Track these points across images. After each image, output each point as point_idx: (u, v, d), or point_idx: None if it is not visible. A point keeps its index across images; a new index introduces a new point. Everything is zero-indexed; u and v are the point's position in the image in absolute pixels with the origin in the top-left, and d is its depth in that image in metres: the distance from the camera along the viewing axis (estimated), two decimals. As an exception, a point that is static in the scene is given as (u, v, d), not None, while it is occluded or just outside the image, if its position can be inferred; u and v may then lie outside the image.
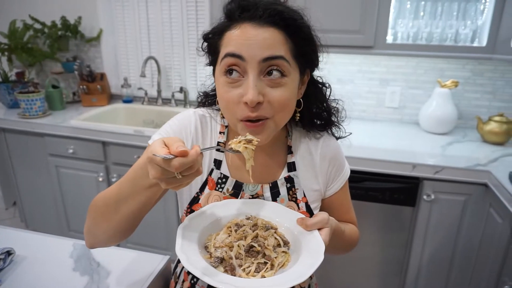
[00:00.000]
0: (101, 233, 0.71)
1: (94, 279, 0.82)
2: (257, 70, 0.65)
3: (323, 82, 0.82)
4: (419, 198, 1.60)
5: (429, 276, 1.69)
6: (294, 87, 0.70)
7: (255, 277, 0.61)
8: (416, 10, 1.84)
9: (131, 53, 2.47)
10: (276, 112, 0.68)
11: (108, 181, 2.06)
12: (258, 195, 0.79)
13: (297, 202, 0.80)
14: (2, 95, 2.30)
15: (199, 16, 2.25)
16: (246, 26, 0.66)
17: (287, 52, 0.67)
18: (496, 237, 1.40)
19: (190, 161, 0.52)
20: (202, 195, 0.78)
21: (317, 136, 0.83)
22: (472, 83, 1.98)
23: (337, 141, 0.86)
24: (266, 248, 0.66)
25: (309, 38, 0.70)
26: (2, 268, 0.83)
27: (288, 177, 0.80)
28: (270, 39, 0.65)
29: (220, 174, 0.79)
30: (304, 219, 0.70)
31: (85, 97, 2.38)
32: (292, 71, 0.68)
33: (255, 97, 0.64)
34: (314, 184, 0.82)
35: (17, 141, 2.18)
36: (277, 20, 0.65)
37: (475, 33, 1.78)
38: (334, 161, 0.83)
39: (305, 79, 0.76)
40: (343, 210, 0.88)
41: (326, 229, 0.68)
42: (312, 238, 0.66)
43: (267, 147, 0.79)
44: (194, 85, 2.41)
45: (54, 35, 2.35)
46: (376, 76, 2.10)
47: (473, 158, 1.60)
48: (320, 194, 0.83)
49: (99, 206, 0.70)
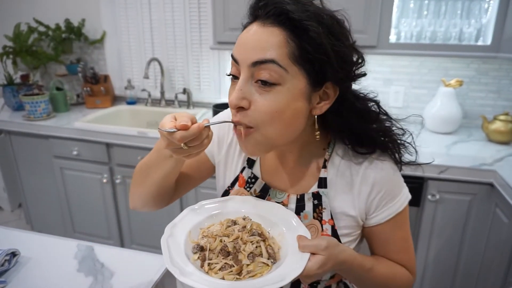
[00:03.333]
0: (137, 197, 0.81)
1: (98, 279, 0.82)
2: (247, 73, 0.61)
3: (368, 97, 0.72)
4: (424, 198, 1.59)
5: (435, 277, 1.68)
6: (290, 98, 0.61)
7: (216, 274, 0.61)
8: (420, 9, 1.83)
9: (134, 55, 2.48)
10: (263, 123, 0.61)
11: (112, 182, 2.06)
12: (283, 203, 0.76)
13: (321, 223, 0.72)
14: (7, 98, 2.32)
15: (201, 17, 2.25)
16: (253, 26, 0.62)
17: (285, 57, 0.59)
18: (502, 237, 1.39)
19: (191, 134, 0.57)
20: (232, 190, 0.81)
21: (364, 152, 0.71)
22: (477, 82, 1.96)
23: (394, 165, 0.73)
24: (240, 253, 0.64)
25: (319, 45, 0.59)
26: (8, 269, 0.83)
27: (316, 193, 0.73)
28: (263, 41, 0.59)
29: (251, 174, 0.80)
30: (302, 238, 0.63)
31: (89, 99, 2.40)
32: (291, 79, 0.60)
33: (234, 99, 0.61)
34: (348, 208, 0.72)
35: (22, 143, 2.20)
36: (283, 20, 0.59)
37: (480, 31, 1.77)
38: (380, 185, 0.70)
39: (329, 92, 0.65)
40: (390, 248, 0.75)
41: (319, 257, 0.60)
42: (299, 259, 0.61)
43: (299, 154, 0.75)
44: (197, 87, 2.41)
45: (58, 38, 2.37)
46: (379, 76, 2.09)
47: (479, 157, 1.59)
48: (355, 221, 0.73)
49: (136, 172, 0.80)
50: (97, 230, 2.23)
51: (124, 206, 2.11)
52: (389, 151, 0.73)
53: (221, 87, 2.37)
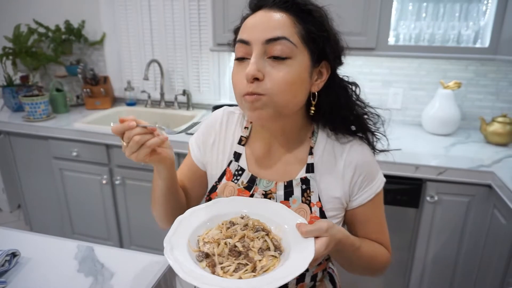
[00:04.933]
0: (158, 219, 0.88)
1: (99, 280, 0.83)
2: (260, 50, 0.67)
3: (349, 81, 0.79)
4: (423, 200, 1.59)
5: (433, 278, 1.69)
6: (299, 71, 0.68)
7: (232, 277, 0.60)
8: (418, 12, 1.84)
9: (134, 56, 2.48)
10: (275, 91, 0.67)
11: (112, 183, 2.07)
12: (271, 192, 0.78)
13: (310, 206, 0.76)
14: (7, 99, 2.32)
15: (201, 19, 2.26)
16: (260, 12, 0.70)
17: (294, 35, 0.67)
18: (500, 238, 1.40)
19: (121, 126, 0.65)
20: (219, 185, 0.83)
21: (345, 140, 0.79)
22: (475, 84, 1.97)
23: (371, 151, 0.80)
24: (251, 250, 0.64)
25: (322, 25, 0.70)
26: (8, 269, 0.83)
27: (304, 178, 0.77)
28: (275, 21, 0.67)
29: (237, 167, 0.82)
30: (302, 225, 0.66)
31: (88, 100, 2.40)
32: (299, 54, 0.68)
33: (251, 70, 0.66)
34: (334, 190, 0.77)
35: (22, 144, 2.20)
36: (289, 6, 0.68)
37: (478, 34, 1.78)
38: (361, 169, 0.77)
39: (323, 71, 0.74)
40: (370, 228, 0.81)
41: (323, 239, 0.63)
42: (306, 246, 0.63)
43: (286, 143, 0.80)
44: (197, 88, 2.42)
45: (58, 39, 2.37)
46: (378, 78, 2.10)
47: (477, 159, 1.60)
48: (340, 203, 0.78)
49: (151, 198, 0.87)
50: (96, 231, 2.23)
51: (123, 207, 2.11)
52: (366, 137, 0.80)
53: (221, 88, 2.38)
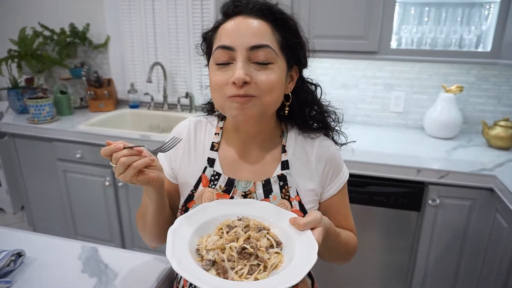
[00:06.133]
0: (148, 239, 0.87)
1: (102, 280, 0.83)
2: (245, 56, 0.70)
3: (313, 82, 0.85)
4: (424, 203, 1.60)
5: (435, 282, 1.68)
6: (281, 75, 0.73)
7: (248, 279, 0.60)
8: (421, 16, 1.86)
9: (137, 59, 2.50)
10: (262, 92, 0.71)
11: (115, 185, 2.08)
12: (251, 192, 0.79)
13: (289, 200, 0.79)
14: (12, 101, 2.35)
15: (204, 22, 2.28)
16: (238, 18, 0.72)
17: (274, 43, 0.71)
18: (502, 242, 1.40)
19: (108, 148, 0.67)
20: (196, 192, 0.81)
21: (312, 136, 0.85)
22: (477, 88, 1.98)
23: (336, 145, 0.87)
24: (259, 250, 0.64)
25: (296, 32, 0.76)
26: (13, 269, 0.84)
27: (281, 175, 0.81)
28: (258, 28, 0.71)
29: (213, 172, 0.82)
30: (297, 219, 0.68)
31: (92, 102, 2.42)
32: (279, 61, 0.73)
33: (241, 75, 0.68)
34: (309, 183, 0.82)
35: (26, 146, 2.22)
36: (266, 13, 0.72)
37: (480, 38, 1.79)
38: (330, 162, 0.83)
39: (293, 75, 0.79)
40: (341, 216, 0.87)
41: (319, 229, 0.67)
42: (305, 238, 0.65)
43: (261, 144, 0.83)
44: (200, 91, 2.43)
45: (62, 42, 2.39)
46: (380, 81, 2.11)
47: (479, 162, 1.60)
48: (316, 195, 0.82)
49: (137, 219, 0.88)
50: (99, 233, 2.24)
51: (126, 209, 2.12)
52: (330, 133, 0.87)
53: (223, 91, 2.39)
